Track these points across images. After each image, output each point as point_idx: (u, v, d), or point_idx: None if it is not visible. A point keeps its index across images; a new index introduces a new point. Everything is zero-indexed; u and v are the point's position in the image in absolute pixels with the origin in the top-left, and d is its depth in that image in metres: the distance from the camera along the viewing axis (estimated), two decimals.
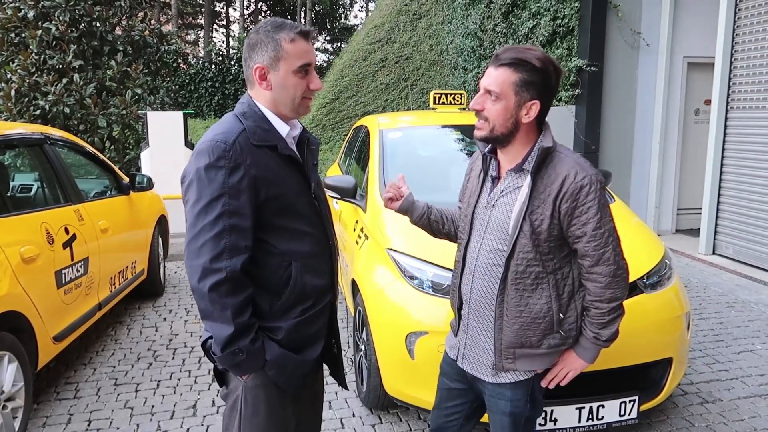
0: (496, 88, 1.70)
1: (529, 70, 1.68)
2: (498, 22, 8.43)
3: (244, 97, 1.71)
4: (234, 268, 1.52)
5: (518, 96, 1.69)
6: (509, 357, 1.82)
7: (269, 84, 1.64)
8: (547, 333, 1.81)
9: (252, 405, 1.68)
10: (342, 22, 33.39)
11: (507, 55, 1.69)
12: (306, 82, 1.66)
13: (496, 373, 1.85)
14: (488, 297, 1.83)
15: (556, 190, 1.71)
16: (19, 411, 2.89)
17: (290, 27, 1.62)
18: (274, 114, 1.67)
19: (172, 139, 7.20)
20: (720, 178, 6.26)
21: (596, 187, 1.71)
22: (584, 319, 1.83)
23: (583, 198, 1.69)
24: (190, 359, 3.90)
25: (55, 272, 3.28)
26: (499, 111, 1.71)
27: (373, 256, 3.23)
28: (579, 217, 1.71)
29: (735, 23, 6.04)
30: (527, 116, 1.72)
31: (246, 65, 1.67)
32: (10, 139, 3.48)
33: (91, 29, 8.40)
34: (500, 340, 1.82)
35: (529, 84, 1.68)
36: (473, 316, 1.89)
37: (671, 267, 3.10)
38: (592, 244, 1.71)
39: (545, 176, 1.73)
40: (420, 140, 4.42)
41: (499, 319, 1.81)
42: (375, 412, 3.19)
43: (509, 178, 1.80)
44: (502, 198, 1.81)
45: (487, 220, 1.83)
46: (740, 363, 3.79)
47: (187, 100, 19.51)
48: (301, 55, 1.62)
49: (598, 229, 1.71)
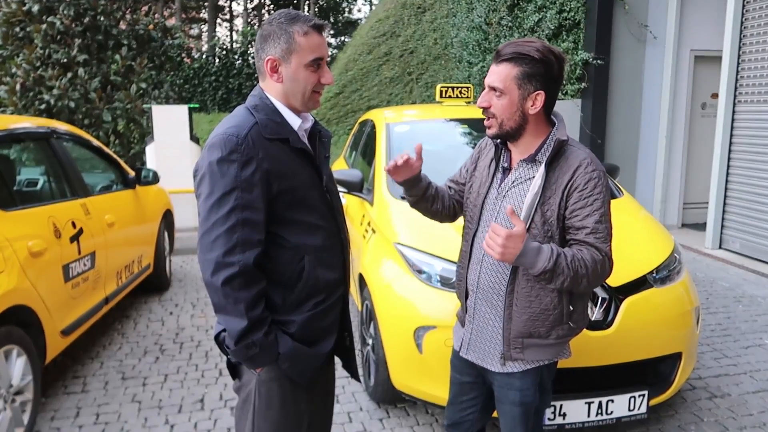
0: (499, 83, 1.73)
1: (530, 62, 1.70)
2: (503, 15, 8.39)
3: (255, 89, 1.70)
4: (247, 261, 1.52)
5: (521, 89, 1.71)
6: (517, 347, 1.82)
7: (280, 76, 1.63)
8: (556, 324, 1.81)
9: (265, 398, 1.68)
10: (346, 15, 33.32)
11: (507, 50, 1.72)
12: (317, 76, 1.65)
13: (505, 363, 1.85)
14: (498, 287, 1.83)
15: (567, 180, 1.73)
16: (28, 404, 2.90)
17: (304, 20, 1.61)
18: (286, 106, 1.66)
19: (177, 133, 7.19)
20: (727, 173, 6.22)
21: (603, 181, 1.74)
22: (556, 251, 1.67)
23: (590, 189, 1.71)
24: (197, 353, 3.91)
25: (63, 266, 3.28)
26: (505, 106, 1.73)
27: (380, 250, 3.23)
28: (583, 208, 1.72)
29: (743, 16, 5.99)
30: (533, 107, 1.74)
31: (258, 56, 1.66)
32: (17, 133, 3.47)
33: (96, 23, 8.39)
34: (509, 330, 1.82)
35: (531, 76, 1.71)
36: (480, 307, 1.89)
37: (681, 261, 3.08)
38: (592, 236, 1.72)
39: (557, 167, 1.75)
40: (427, 134, 4.40)
41: (509, 308, 1.81)
42: (383, 407, 3.19)
43: (520, 168, 1.81)
44: (513, 188, 1.81)
45: (498, 211, 1.83)
46: (748, 357, 3.77)
47: (192, 94, 19.53)
48: (314, 48, 1.61)
49: (600, 223, 1.72)
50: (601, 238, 1.72)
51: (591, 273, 1.70)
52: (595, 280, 1.74)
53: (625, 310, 2.64)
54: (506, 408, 1.90)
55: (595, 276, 1.72)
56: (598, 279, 1.75)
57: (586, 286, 1.73)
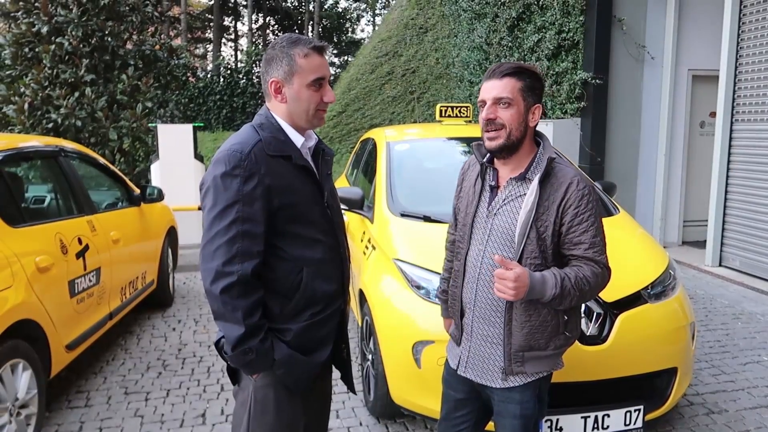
0: (507, 94, 1.80)
1: (531, 77, 1.82)
2: (504, 35, 8.51)
3: (262, 109, 1.79)
4: (245, 271, 1.59)
5: (526, 101, 1.82)
6: (518, 360, 1.87)
7: (284, 97, 1.71)
8: (554, 335, 1.87)
9: (261, 403, 1.74)
10: (349, 36, 33.67)
11: (506, 66, 1.82)
12: (320, 95, 1.72)
13: (506, 378, 1.89)
14: (496, 304, 1.88)
15: (561, 197, 1.80)
16: (32, 418, 2.94)
17: (304, 42, 1.70)
18: (290, 125, 1.74)
19: (182, 151, 7.30)
20: (726, 190, 6.28)
21: (594, 197, 1.84)
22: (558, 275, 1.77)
23: (584, 207, 1.80)
24: (199, 368, 3.95)
25: (69, 282, 3.34)
26: (513, 115, 1.81)
27: (380, 266, 3.28)
28: (579, 225, 1.80)
29: (739, 36, 6.09)
30: (533, 120, 1.84)
31: (263, 79, 1.74)
32: (26, 151, 3.56)
33: (103, 44, 8.55)
34: (509, 345, 1.87)
35: (532, 89, 1.82)
36: (478, 324, 1.93)
37: (675, 277, 3.12)
38: (591, 251, 1.81)
39: (548, 185, 1.82)
40: (427, 152, 4.48)
41: (508, 324, 1.86)
42: (382, 421, 3.22)
43: (510, 186, 1.87)
44: (504, 206, 1.87)
45: (489, 229, 1.89)
46: (746, 374, 3.79)
47: (196, 113, 19.69)
48: (315, 69, 1.70)
49: (596, 237, 1.82)
50: (599, 251, 1.82)
51: (594, 287, 1.82)
52: (598, 292, 1.88)
53: (620, 325, 2.69)
54: (506, 421, 1.93)
55: (597, 288, 1.85)
56: (600, 290, 1.88)
57: (589, 299, 1.86)
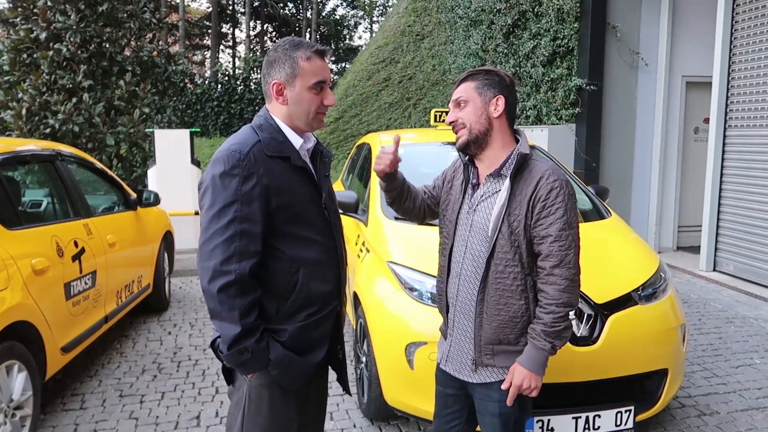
0: (462, 94, 1.94)
1: (483, 75, 1.94)
2: (499, 42, 8.58)
3: (261, 110, 1.81)
4: (243, 271, 1.60)
5: (482, 96, 1.91)
6: (488, 353, 1.91)
7: (285, 99, 1.74)
8: (524, 331, 1.89)
9: (255, 403, 1.75)
10: (347, 42, 33.80)
11: (463, 74, 1.97)
12: (320, 98, 1.76)
13: (477, 369, 1.92)
14: (471, 297, 1.93)
15: (531, 191, 1.84)
16: (27, 420, 2.95)
17: (307, 46, 1.73)
18: (289, 127, 1.76)
19: (179, 156, 7.34)
20: (720, 196, 6.32)
21: (565, 190, 1.84)
22: (535, 330, 1.84)
23: (552, 199, 1.82)
24: (194, 372, 3.96)
25: (64, 284, 3.36)
26: (470, 111, 1.92)
27: (374, 268, 3.30)
28: (546, 217, 1.82)
29: (732, 43, 6.16)
30: (496, 110, 1.91)
31: (264, 81, 1.77)
32: (23, 155, 3.59)
33: (101, 50, 8.59)
34: (479, 337, 1.91)
35: (487, 85, 1.92)
36: (459, 318, 1.98)
37: (666, 279, 3.15)
38: (556, 245, 1.80)
39: (521, 180, 1.86)
40: (421, 156, 4.50)
41: (479, 316, 1.90)
42: (376, 423, 3.24)
43: (488, 183, 1.93)
44: (482, 202, 1.92)
45: (470, 225, 1.94)
46: (738, 377, 3.82)
47: (194, 119, 19.75)
48: (316, 72, 1.73)
49: (563, 231, 1.81)
50: (565, 246, 1.81)
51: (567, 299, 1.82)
52: (575, 297, 1.86)
53: (610, 327, 2.71)
54: (487, 419, 1.96)
55: (573, 296, 1.84)
56: (576, 294, 1.86)
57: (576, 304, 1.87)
